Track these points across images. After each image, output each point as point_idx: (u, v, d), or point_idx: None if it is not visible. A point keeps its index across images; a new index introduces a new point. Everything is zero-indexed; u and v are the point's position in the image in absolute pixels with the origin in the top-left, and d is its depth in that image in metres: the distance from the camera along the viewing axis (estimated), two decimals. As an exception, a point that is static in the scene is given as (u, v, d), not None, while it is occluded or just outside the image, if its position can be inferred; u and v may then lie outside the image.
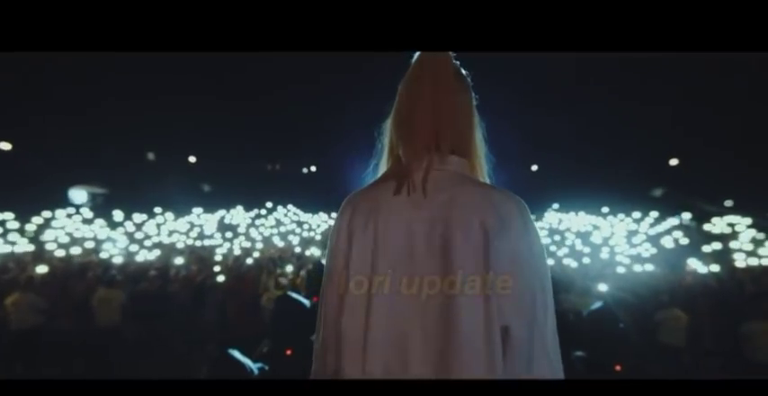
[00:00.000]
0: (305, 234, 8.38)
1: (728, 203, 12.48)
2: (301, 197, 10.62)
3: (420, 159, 0.88)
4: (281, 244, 7.70)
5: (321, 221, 9.73)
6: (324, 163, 14.28)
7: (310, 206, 10.33)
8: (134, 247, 7.48)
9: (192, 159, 15.41)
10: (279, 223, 9.07)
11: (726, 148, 11.61)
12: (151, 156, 15.65)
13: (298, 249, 7.51)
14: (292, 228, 8.83)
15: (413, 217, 0.84)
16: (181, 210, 9.54)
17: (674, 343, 4.42)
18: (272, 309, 5.14)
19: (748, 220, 8.61)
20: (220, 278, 6.49)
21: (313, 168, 15.58)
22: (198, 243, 8.06)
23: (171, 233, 8.39)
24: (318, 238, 8.13)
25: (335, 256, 0.88)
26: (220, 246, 7.63)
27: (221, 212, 9.94)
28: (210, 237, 8.21)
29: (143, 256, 7.30)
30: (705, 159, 12.71)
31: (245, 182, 12.09)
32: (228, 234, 8.13)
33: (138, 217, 8.78)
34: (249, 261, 6.82)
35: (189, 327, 5.78)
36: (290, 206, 10.46)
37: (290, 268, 6.54)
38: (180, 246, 7.94)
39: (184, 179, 12.99)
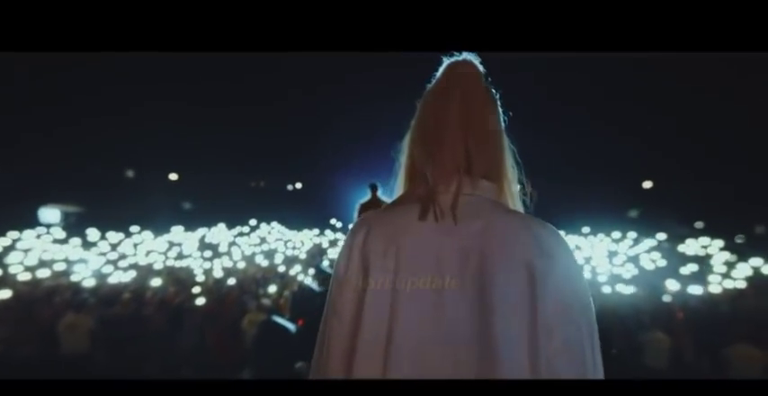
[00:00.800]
0: (289, 253, 8.16)
1: (699, 225, 12.88)
2: (286, 215, 10.43)
3: (448, 182, 0.79)
4: (264, 263, 7.47)
5: (306, 239, 9.53)
6: (310, 180, 14.15)
7: (296, 224, 10.14)
8: (108, 269, 7.11)
9: (174, 176, 15.04)
10: (262, 241, 8.82)
11: (696, 171, 12.08)
12: (130, 173, 15.22)
13: (282, 269, 7.28)
14: (276, 246, 8.60)
15: (442, 245, 0.74)
16: (160, 228, 9.20)
17: (658, 365, 4.44)
18: (254, 335, 4.90)
19: (720, 243, 8.87)
20: (200, 300, 6.18)
21: (298, 185, 15.40)
22: (177, 263, 7.74)
23: (148, 253, 8.04)
24: (303, 256, 7.92)
25: (344, 287, 0.77)
26: (200, 266, 7.33)
27: (202, 231, 9.63)
28: (189, 256, 7.90)
29: (117, 278, 6.93)
30: (677, 182, 13.19)
31: (228, 199, 11.83)
32: (209, 253, 7.85)
33: (114, 236, 8.41)
34: (231, 281, 6.56)
35: (164, 353, 5.46)
36: (273, 224, 10.23)
37: (273, 289, 6.32)
38: (157, 266, 7.60)
39: (165, 197, 12.59)
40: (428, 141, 0.82)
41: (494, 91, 0.87)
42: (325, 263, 7.68)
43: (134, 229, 8.81)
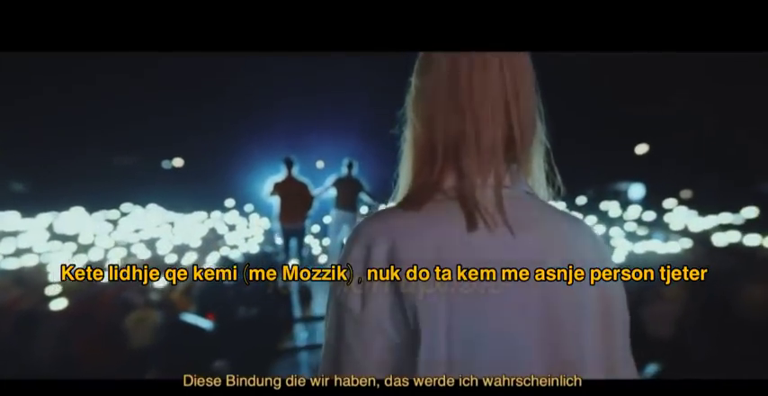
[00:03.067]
0: (177, 240, 7.22)
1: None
2: (167, 196, 9.08)
3: (486, 171, 0.64)
4: (146, 253, 6.49)
5: (197, 223, 8.52)
6: (193, 155, 12.47)
7: (180, 206, 8.93)
8: None
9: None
10: (139, 228, 7.58)
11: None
12: None
13: (171, 258, 6.39)
14: (159, 233, 7.49)
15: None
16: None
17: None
18: (149, 335, 4.39)
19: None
20: (59, 303, 5.12)
21: (178, 162, 13.46)
22: (15, 260, 6.16)
23: (-38, 248, 6.19)
24: (197, 244, 7.10)
25: (365, 330, 0.58)
26: (54, 261, 5.94)
27: (47, 217, 7.79)
28: (31, 250, 6.36)
29: None
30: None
31: (84, 178, 9.69)
32: (67, 245, 6.42)
33: None
34: (103, 277, 5.54)
35: (9, 369, 4.36)
36: (151, 206, 8.85)
37: (161, 282, 5.54)
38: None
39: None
40: (460, 113, 0.64)
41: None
42: (229, 252, 7.02)
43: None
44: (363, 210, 6.92)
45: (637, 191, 12.13)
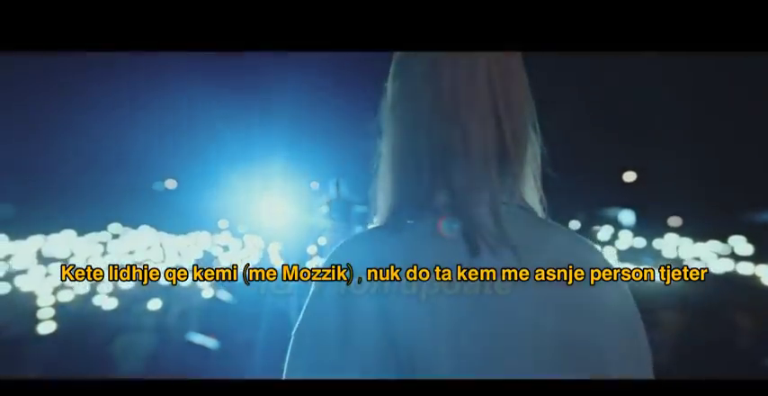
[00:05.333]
0: (171, 262, 7.29)
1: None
2: (158, 218, 9.14)
3: (478, 187, 0.57)
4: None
5: (192, 244, 8.60)
6: (186, 176, 12.58)
7: (173, 228, 9.01)
8: None
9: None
10: (133, 250, 7.65)
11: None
12: None
13: (164, 280, 6.44)
14: (152, 255, 7.56)
15: (511, 301, 0.53)
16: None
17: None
18: (141, 357, 4.43)
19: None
20: (47, 327, 5.15)
21: (171, 183, 13.53)
22: (2, 285, 6.18)
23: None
24: (190, 265, 7.17)
25: (341, 374, 0.50)
26: (44, 284, 5.98)
27: (36, 240, 7.83)
28: (24, 272, 6.40)
29: None
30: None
31: (73, 200, 9.73)
32: (55, 267, 6.47)
33: None
34: (98, 300, 5.59)
35: None
36: (143, 228, 8.92)
37: (156, 304, 5.58)
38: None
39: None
40: (446, 121, 0.57)
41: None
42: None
43: None
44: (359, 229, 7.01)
45: (627, 217, 12.38)
